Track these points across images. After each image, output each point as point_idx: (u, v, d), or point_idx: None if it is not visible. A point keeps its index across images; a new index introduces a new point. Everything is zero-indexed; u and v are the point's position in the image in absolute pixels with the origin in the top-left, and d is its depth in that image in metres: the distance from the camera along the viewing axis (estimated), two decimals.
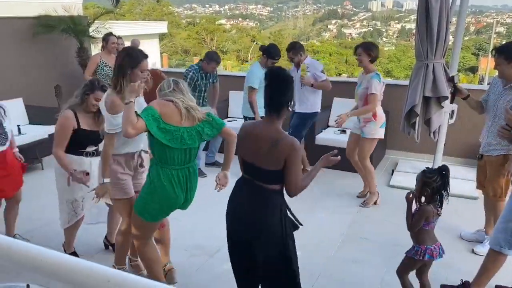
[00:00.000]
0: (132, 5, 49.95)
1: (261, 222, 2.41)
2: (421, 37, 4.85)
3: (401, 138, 5.93)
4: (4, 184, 3.60)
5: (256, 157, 2.37)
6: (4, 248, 0.91)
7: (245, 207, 2.46)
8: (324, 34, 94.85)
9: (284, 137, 2.35)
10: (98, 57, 5.94)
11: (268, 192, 2.41)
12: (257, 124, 2.52)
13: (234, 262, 2.66)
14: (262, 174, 2.38)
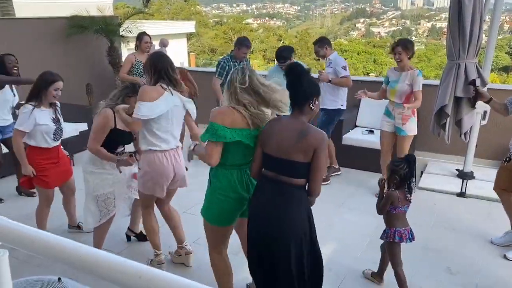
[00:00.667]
0: (161, 5, 50.60)
1: (289, 219, 2.38)
2: (453, 36, 4.74)
3: (430, 139, 5.81)
4: (58, 175, 3.82)
5: (283, 150, 2.35)
6: (40, 242, 0.94)
7: (270, 207, 2.42)
8: (352, 33, 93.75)
9: (313, 129, 2.37)
10: (133, 57, 6.01)
11: (293, 187, 2.38)
12: (282, 118, 2.51)
13: (256, 265, 2.60)
14: (289, 166, 2.35)
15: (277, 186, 2.41)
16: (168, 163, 3.20)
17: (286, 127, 2.39)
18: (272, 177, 2.42)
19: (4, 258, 1.01)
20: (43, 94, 3.57)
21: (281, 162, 2.37)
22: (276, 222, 2.40)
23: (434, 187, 5.13)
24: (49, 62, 6.82)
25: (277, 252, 2.42)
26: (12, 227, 0.99)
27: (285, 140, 2.36)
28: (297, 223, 2.39)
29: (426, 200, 4.86)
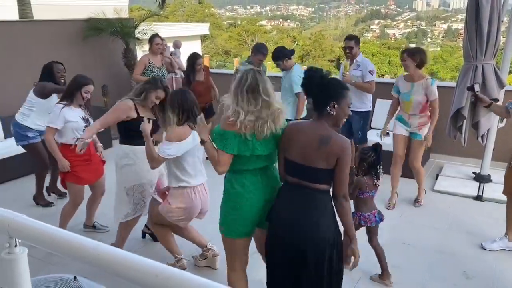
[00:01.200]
0: (175, 7, 50.95)
1: (314, 224, 2.33)
2: (470, 37, 4.69)
3: (446, 141, 5.74)
4: (90, 172, 3.92)
5: (305, 156, 2.31)
6: (59, 240, 0.96)
7: (294, 211, 2.36)
8: (367, 34, 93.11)
9: (335, 135, 2.31)
10: (146, 58, 6.05)
11: (317, 192, 2.34)
12: (303, 124, 2.46)
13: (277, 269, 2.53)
14: (312, 173, 2.32)
15: (300, 191, 2.37)
16: (196, 198, 3.25)
17: (307, 133, 2.35)
18: (295, 182, 2.39)
19: (23, 255, 1.03)
20: (74, 95, 3.79)
21: (303, 169, 2.33)
22: (300, 226, 2.35)
23: (450, 190, 5.06)
24: (66, 64, 6.86)
25: (301, 256, 2.37)
26: (31, 225, 1.01)
27: (306, 147, 2.32)
28: (323, 227, 2.34)
29: (442, 203, 4.80)
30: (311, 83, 2.37)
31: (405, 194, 4.97)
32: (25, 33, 6.68)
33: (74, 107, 3.81)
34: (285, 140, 2.43)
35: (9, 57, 6.33)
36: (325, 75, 2.39)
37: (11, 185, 5.44)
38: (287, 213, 2.38)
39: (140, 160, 3.41)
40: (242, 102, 2.40)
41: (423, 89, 4.36)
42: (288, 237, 2.38)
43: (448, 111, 5.03)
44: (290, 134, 2.42)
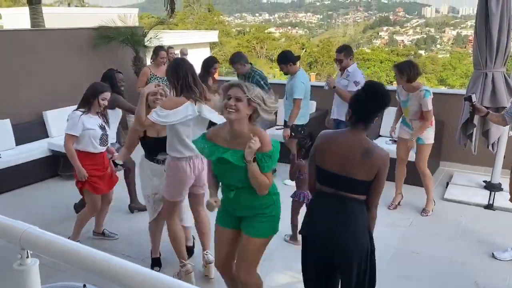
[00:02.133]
0: (185, 15, 51.34)
1: (353, 233, 2.35)
2: (480, 45, 4.67)
3: (456, 149, 5.70)
4: (106, 182, 3.97)
5: (346, 167, 2.31)
6: (71, 252, 0.96)
7: (332, 224, 2.36)
8: (375, 41, 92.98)
9: (377, 148, 2.36)
10: (148, 70, 6.16)
11: (354, 202, 2.36)
12: (341, 133, 2.47)
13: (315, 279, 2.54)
14: (351, 184, 2.33)
15: (338, 201, 2.36)
16: (190, 171, 3.24)
17: (348, 145, 2.35)
18: (331, 193, 2.38)
19: (35, 267, 1.04)
20: (92, 103, 3.82)
21: (342, 179, 2.33)
22: (340, 239, 2.34)
23: (460, 198, 5.01)
24: (77, 72, 6.99)
25: (341, 266, 2.40)
26: (43, 237, 1.02)
27: (348, 158, 2.31)
28: (361, 238, 2.37)
29: (452, 212, 4.76)
30: (373, 95, 2.35)
31: (415, 202, 4.93)
32: (37, 41, 6.77)
33: (92, 115, 3.83)
34: (321, 151, 2.41)
35: (21, 65, 6.41)
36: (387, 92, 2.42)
37: (23, 191, 5.49)
38: (325, 225, 2.38)
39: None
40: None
41: (417, 100, 4.40)
42: (328, 249, 2.38)
43: (458, 118, 5.00)
44: (327, 144, 2.40)
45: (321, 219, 2.40)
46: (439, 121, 5.84)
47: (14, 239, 1.03)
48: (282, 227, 2.82)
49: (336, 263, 2.41)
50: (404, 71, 4.33)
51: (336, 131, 2.53)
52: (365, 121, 2.37)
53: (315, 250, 2.44)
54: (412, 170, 4.94)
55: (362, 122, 2.37)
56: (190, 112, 3.10)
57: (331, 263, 2.42)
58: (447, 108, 5.83)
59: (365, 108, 2.36)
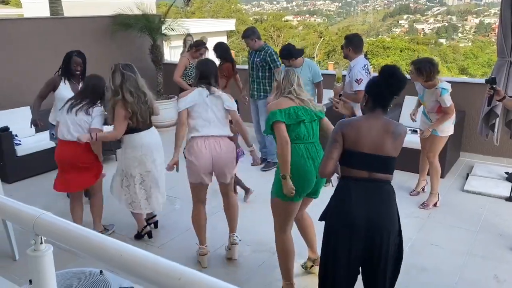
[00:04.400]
0: (202, 3, 51.23)
1: (391, 214, 2.44)
2: (505, 32, 4.53)
3: (477, 140, 5.57)
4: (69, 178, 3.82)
5: (381, 147, 2.39)
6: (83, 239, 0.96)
7: (372, 209, 2.38)
8: (395, 29, 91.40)
9: (399, 125, 2.49)
10: (186, 60, 6.10)
11: (387, 183, 2.45)
12: (364, 119, 2.48)
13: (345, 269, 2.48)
14: (386, 163, 2.42)
15: (373, 185, 2.42)
16: (206, 150, 3.36)
17: (377, 125, 2.42)
18: (365, 177, 2.41)
19: (49, 253, 1.04)
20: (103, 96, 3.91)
21: (378, 159, 2.40)
22: (380, 219, 2.40)
23: (481, 190, 4.90)
24: (94, 59, 7.02)
25: (379, 250, 2.40)
26: (56, 223, 1.01)
27: (382, 137, 2.39)
28: (395, 219, 2.46)
29: (472, 204, 4.66)
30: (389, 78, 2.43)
31: None
32: (56, 29, 6.82)
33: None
34: (353, 134, 2.42)
35: (40, 53, 6.48)
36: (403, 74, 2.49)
37: (42, 178, 5.57)
38: (365, 210, 2.39)
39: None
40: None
41: (433, 96, 4.28)
42: (369, 234, 2.39)
43: (479, 109, 4.88)
44: (358, 128, 2.43)
45: (359, 205, 2.40)
46: (460, 111, 5.72)
47: (27, 225, 1.03)
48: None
49: (374, 248, 2.40)
50: (424, 71, 4.18)
51: (357, 118, 2.54)
52: (383, 106, 2.46)
53: (355, 238, 2.40)
54: None
55: (380, 107, 2.45)
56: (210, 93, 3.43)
57: (370, 249, 2.40)
58: (468, 98, 5.69)
59: (383, 92, 2.44)
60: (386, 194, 2.45)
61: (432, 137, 4.46)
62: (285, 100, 3.02)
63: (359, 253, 2.43)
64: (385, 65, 2.56)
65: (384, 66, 2.54)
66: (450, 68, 42.90)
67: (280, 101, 3.04)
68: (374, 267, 2.45)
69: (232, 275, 3.50)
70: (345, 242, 2.42)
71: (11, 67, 6.25)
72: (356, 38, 4.73)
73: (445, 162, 5.29)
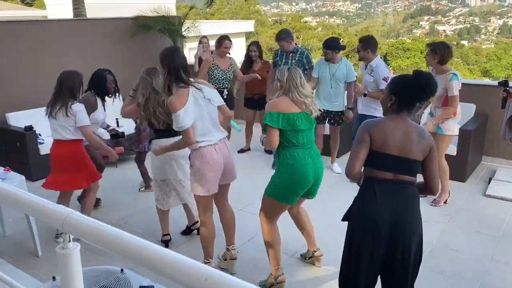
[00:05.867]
0: (221, 4, 51.48)
1: (416, 216, 2.45)
2: None
3: (500, 144, 5.47)
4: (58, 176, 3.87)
5: (406, 149, 2.39)
6: (111, 238, 0.98)
7: (397, 212, 2.39)
8: (416, 31, 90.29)
9: (424, 129, 2.51)
10: (211, 59, 5.80)
11: (412, 185, 2.45)
12: (390, 120, 2.46)
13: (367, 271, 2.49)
14: (411, 165, 2.41)
15: (399, 186, 2.42)
16: (218, 155, 3.14)
17: (402, 127, 2.43)
18: (391, 178, 2.42)
19: (76, 250, 1.06)
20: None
21: (403, 161, 2.40)
22: (407, 221, 2.41)
23: (503, 195, 4.81)
24: (115, 60, 7.14)
25: (402, 251, 2.41)
26: (85, 222, 1.04)
27: (408, 140, 2.40)
28: (419, 218, 2.48)
29: (495, 209, 4.57)
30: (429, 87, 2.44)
31: (453, 197, 4.78)
32: (78, 30, 6.95)
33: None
34: (380, 135, 2.42)
35: (64, 53, 6.62)
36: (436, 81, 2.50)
37: None
38: (391, 212, 2.39)
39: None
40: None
41: (443, 83, 4.26)
42: (395, 235, 2.40)
43: (502, 112, 4.79)
44: (385, 129, 2.43)
45: (384, 207, 2.40)
46: (483, 115, 5.63)
47: (57, 223, 1.06)
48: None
49: (397, 250, 2.40)
50: (438, 50, 4.28)
51: (382, 119, 2.52)
52: (409, 109, 2.47)
53: (377, 239, 2.41)
54: (450, 163, 4.78)
55: (407, 109, 2.46)
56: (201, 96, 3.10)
57: (392, 251, 2.41)
58: (491, 101, 5.59)
59: (414, 97, 2.45)
60: (411, 196, 2.44)
61: (436, 136, 4.35)
62: (286, 102, 2.98)
63: (381, 254, 2.43)
64: (420, 71, 2.52)
65: (419, 71, 2.50)
66: (472, 70, 42.17)
67: (279, 100, 3.00)
68: (396, 270, 2.44)
69: (249, 274, 3.50)
70: (368, 243, 2.43)
71: (36, 67, 6.39)
72: (371, 39, 4.99)
73: (467, 166, 5.21)
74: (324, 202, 4.63)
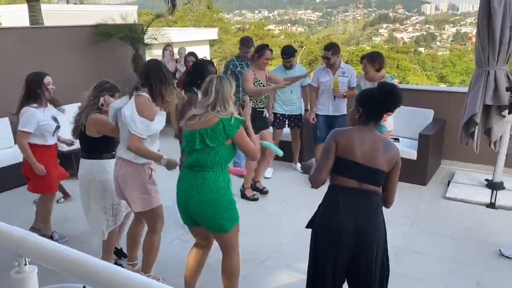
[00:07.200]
0: (184, 12, 51.15)
1: (378, 225, 2.47)
2: (482, 43, 4.63)
3: (458, 147, 5.67)
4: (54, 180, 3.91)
5: (372, 159, 2.41)
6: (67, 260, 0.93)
7: (358, 217, 2.41)
8: (375, 38, 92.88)
9: (392, 143, 2.55)
10: (252, 73, 4.85)
11: (376, 195, 2.47)
12: (357, 130, 2.50)
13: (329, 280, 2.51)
14: (376, 175, 2.43)
15: (363, 195, 2.44)
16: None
17: (370, 138, 2.45)
18: (355, 187, 2.43)
19: (33, 274, 1.01)
20: (40, 93, 3.77)
21: (368, 170, 2.42)
22: (367, 230, 2.42)
23: (462, 197, 4.98)
24: (75, 69, 6.95)
25: (365, 258, 2.43)
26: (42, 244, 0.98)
27: (374, 150, 2.43)
28: (382, 226, 2.50)
29: (454, 211, 4.73)
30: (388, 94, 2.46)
31: (414, 201, 4.92)
32: (35, 39, 6.72)
33: (44, 107, 3.82)
34: (346, 143, 2.45)
35: (20, 63, 6.36)
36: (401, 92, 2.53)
37: (23, 190, 5.43)
38: (352, 220, 2.41)
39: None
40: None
41: None
42: (357, 242, 2.42)
43: (459, 117, 4.97)
44: (351, 137, 2.46)
45: (347, 214, 2.42)
46: (441, 120, 5.83)
47: (11, 246, 1.00)
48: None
49: (360, 257, 2.43)
50: (376, 59, 4.75)
51: (351, 128, 2.57)
52: (376, 120, 2.50)
53: (341, 246, 2.43)
54: (410, 167, 4.92)
55: (374, 121, 2.49)
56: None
57: (357, 258, 2.44)
58: (449, 107, 5.80)
59: (379, 108, 2.49)
60: (374, 205, 2.47)
61: (386, 134, 4.72)
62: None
63: (345, 262, 2.45)
64: (384, 83, 2.63)
65: (383, 83, 2.59)
66: (429, 76, 43.68)
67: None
68: (362, 279, 2.47)
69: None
70: (331, 251, 2.44)
71: None
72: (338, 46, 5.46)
73: (427, 170, 5.37)
74: (294, 207, 4.67)
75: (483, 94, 4.67)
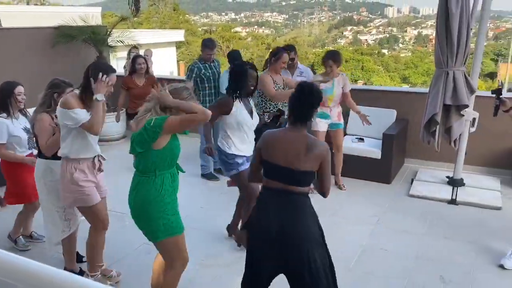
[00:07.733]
0: (149, 14, 50.44)
1: (305, 226, 2.48)
2: (441, 44, 4.77)
3: (420, 146, 5.82)
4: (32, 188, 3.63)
5: (290, 160, 2.47)
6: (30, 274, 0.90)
7: (283, 218, 2.46)
8: (340, 41, 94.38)
9: (318, 142, 2.61)
10: (270, 78, 4.65)
11: (302, 196, 2.51)
12: (284, 131, 2.66)
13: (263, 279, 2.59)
14: (298, 175, 2.48)
15: (287, 196, 2.50)
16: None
17: (292, 139, 2.53)
18: (279, 188, 2.51)
19: None
20: (9, 103, 3.59)
21: (289, 172, 2.47)
22: (293, 231, 2.45)
23: (425, 194, 5.12)
24: (36, 72, 6.72)
25: (295, 262, 2.46)
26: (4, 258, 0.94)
27: (294, 151, 2.49)
28: (311, 226, 2.50)
29: (417, 208, 4.86)
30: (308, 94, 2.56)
31: (380, 199, 5.03)
32: None
33: (15, 118, 3.63)
34: (268, 146, 2.57)
35: None
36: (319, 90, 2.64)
37: None
38: (277, 222, 2.46)
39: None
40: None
41: (341, 83, 5.12)
42: (283, 244, 2.45)
43: (421, 116, 5.11)
44: (273, 140, 2.59)
45: (273, 215, 2.49)
46: (404, 119, 5.98)
47: None
48: None
49: (292, 258, 2.46)
50: (338, 57, 5.09)
51: (279, 130, 2.72)
52: (302, 120, 2.57)
53: (268, 246, 2.49)
54: (375, 166, 5.03)
55: (299, 120, 2.56)
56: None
57: (288, 259, 2.47)
58: (411, 107, 5.96)
59: (302, 108, 2.56)
60: (300, 205, 2.51)
61: (340, 131, 5.30)
62: None
63: (273, 259, 2.51)
64: (303, 83, 2.72)
65: (302, 83, 2.68)
66: (393, 77, 44.81)
67: None
68: (304, 280, 2.47)
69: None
70: (259, 249, 2.55)
71: None
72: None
73: (391, 168, 5.49)
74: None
75: (443, 95, 4.82)
